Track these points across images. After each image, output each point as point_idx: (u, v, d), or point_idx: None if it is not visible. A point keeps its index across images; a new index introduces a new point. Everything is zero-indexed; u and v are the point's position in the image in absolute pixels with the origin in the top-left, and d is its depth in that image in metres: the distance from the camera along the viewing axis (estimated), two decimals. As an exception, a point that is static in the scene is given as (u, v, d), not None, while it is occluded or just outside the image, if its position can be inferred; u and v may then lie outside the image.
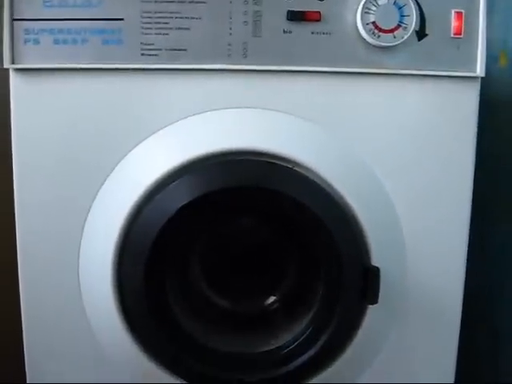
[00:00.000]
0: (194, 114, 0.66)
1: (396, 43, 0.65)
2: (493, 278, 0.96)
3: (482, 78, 0.69)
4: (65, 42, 0.64)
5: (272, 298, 0.73)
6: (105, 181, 0.66)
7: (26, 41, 0.64)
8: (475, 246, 0.99)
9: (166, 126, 0.66)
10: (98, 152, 0.66)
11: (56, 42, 0.64)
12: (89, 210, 0.67)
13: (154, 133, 0.66)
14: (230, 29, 0.64)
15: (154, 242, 0.62)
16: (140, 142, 0.66)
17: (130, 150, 0.66)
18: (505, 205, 0.93)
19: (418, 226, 0.69)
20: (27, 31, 0.64)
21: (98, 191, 0.66)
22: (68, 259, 0.68)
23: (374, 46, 0.65)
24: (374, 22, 0.64)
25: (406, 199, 0.69)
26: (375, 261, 0.65)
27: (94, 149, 0.66)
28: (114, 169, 0.66)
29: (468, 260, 0.74)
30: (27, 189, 0.67)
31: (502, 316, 0.92)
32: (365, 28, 0.64)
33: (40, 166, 0.66)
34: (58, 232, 0.67)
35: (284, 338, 0.67)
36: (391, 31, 0.65)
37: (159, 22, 0.64)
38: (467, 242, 0.71)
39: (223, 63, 0.65)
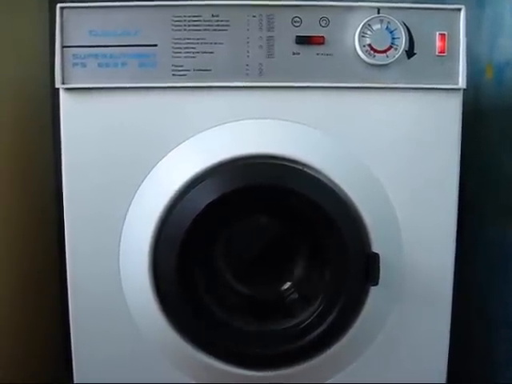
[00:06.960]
0: (217, 125, 0.75)
1: (389, 62, 0.74)
2: (483, 272, 1.02)
3: (468, 89, 0.76)
4: (107, 65, 0.74)
5: (288, 284, 0.80)
6: (143, 180, 0.75)
7: (74, 64, 0.74)
8: (467, 242, 1.05)
9: (193, 135, 0.75)
10: (137, 156, 0.75)
11: (100, 65, 0.74)
12: (129, 205, 0.75)
13: (184, 141, 0.75)
14: (248, 52, 0.74)
15: (185, 233, 0.71)
16: (172, 148, 0.75)
17: (164, 155, 0.75)
18: (494, 205, 0.99)
19: (411, 217, 0.77)
20: (75, 56, 0.74)
21: (137, 189, 0.75)
22: (110, 247, 0.76)
23: (370, 64, 0.74)
24: (369, 44, 0.74)
25: (401, 194, 0.77)
26: (375, 248, 0.74)
27: (133, 154, 0.75)
28: (151, 170, 0.75)
29: (460, 256, 0.79)
30: (75, 187, 0.75)
31: (493, 307, 0.98)
32: (362, 49, 0.74)
33: (86, 167, 0.75)
34: (102, 222, 0.75)
35: (299, 317, 0.75)
36: (384, 52, 0.74)
37: (188, 47, 0.74)
38: (455, 229, 0.78)
39: (242, 81, 0.74)
